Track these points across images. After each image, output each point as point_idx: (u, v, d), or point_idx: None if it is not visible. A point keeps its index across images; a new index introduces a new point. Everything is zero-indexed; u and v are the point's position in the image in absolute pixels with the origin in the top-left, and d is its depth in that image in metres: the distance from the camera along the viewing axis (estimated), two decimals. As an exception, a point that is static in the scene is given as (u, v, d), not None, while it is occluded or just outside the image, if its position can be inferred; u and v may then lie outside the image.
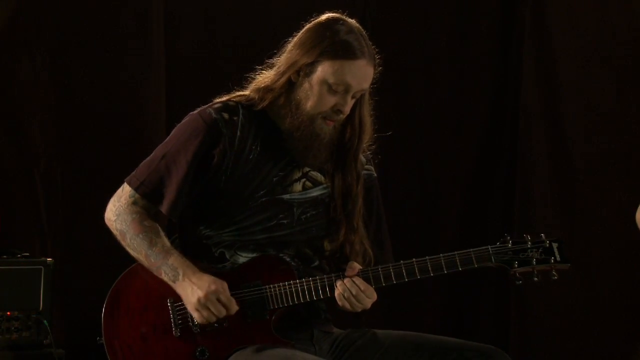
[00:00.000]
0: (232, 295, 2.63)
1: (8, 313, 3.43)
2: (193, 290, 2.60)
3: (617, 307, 4.47)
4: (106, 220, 2.75)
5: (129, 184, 2.72)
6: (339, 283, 2.65)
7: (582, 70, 4.56)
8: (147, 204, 2.70)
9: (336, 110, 2.66)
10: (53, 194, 4.03)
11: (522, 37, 4.59)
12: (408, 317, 4.49)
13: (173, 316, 2.65)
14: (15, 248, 3.71)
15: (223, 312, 2.61)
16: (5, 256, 3.55)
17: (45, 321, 3.45)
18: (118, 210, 2.71)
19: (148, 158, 2.75)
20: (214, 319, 2.61)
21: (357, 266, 2.68)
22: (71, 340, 3.85)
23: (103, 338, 2.66)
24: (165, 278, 2.64)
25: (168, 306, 2.66)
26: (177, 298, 2.65)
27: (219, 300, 2.60)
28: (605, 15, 4.54)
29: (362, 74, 2.65)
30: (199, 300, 2.59)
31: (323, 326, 2.78)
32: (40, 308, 3.46)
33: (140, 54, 4.15)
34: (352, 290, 2.63)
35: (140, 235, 2.67)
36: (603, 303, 4.49)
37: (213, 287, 2.60)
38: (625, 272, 4.48)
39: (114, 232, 2.72)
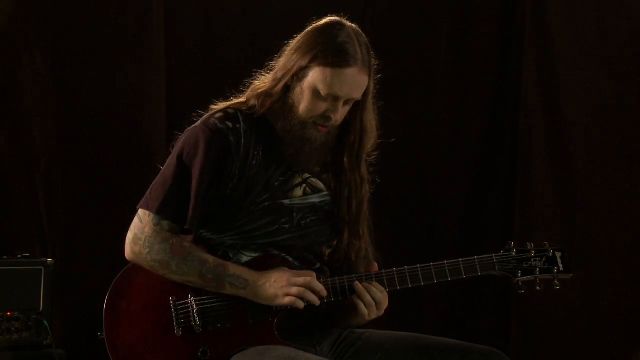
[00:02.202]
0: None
1: (8, 313, 3.42)
2: (270, 283, 2.60)
3: (618, 309, 4.47)
4: (132, 256, 2.67)
5: (148, 209, 2.66)
6: (358, 289, 2.64)
7: (582, 70, 4.55)
8: (172, 225, 2.66)
9: (326, 116, 2.64)
10: (53, 194, 4.03)
11: (522, 37, 4.59)
12: (409, 319, 4.47)
13: (175, 315, 2.64)
14: (15, 248, 3.71)
15: (308, 280, 2.60)
16: (5, 256, 3.55)
17: (45, 321, 3.45)
18: (148, 241, 2.64)
19: (159, 179, 2.69)
20: (309, 295, 2.59)
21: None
22: (71, 341, 3.84)
23: (104, 334, 2.64)
24: (230, 289, 2.62)
25: (170, 304, 2.65)
26: (179, 296, 2.65)
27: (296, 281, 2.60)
28: (605, 16, 4.53)
29: (352, 82, 2.61)
30: (283, 285, 2.59)
31: (323, 327, 2.77)
32: (40, 308, 3.46)
33: (140, 54, 4.15)
34: (375, 295, 2.64)
35: (189, 258, 2.63)
36: (603, 304, 4.48)
37: (287, 271, 2.61)
38: (625, 273, 4.48)
39: (149, 264, 2.65)
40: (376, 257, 2.79)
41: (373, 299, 2.64)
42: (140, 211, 2.69)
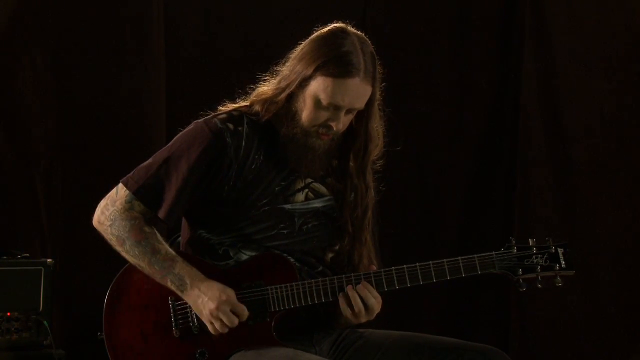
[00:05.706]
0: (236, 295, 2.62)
1: (8, 313, 3.42)
2: (203, 301, 2.59)
3: (618, 308, 4.47)
4: (97, 224, 2.70)
5: (126, 186, 2.67)
6: (351, 295, 2.63)
7: (582, 70, 4.56)
8: (144, 209, 2.67)
9: (328, 125, 2.63)
10: (53, 194, 4.03)
11: (522, 37, 4.59)
12: (408, 318, 4.48)
13: (174, 315, 2.64)
14: (15, 248, 3.71)
15: (235, 322, 2.59)
16: (5, 257, 3.55)
17: (45, 322, 3.45)
18: (113, 215, 2.67)
19: (147, 162, 2.71)
20: (226, 329, 2.59)
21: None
22: (71, 341, 3.85)
23: (104, 333, 2.65)
24: (172, 287, 2.62)
25: (169, 305, 2.65)
26: (178, 297, 2.64)
27: (231, 310, 2.58)
28: (605, 15, 4.54)
29: (354, 92, 2.59)
30: (211, 312, 2.58)
31: (323, 327, 2.77)
32: (40, 308, 3.46)
33: (140, 54, 4.15)
34: (368, 301, 2.63)
35: (142, 243, 2.64)
36: (603, 303, 4.49)
37: (224, 297, 2.58)
38: (625, 272, 4.48)
39: (108, 236, 2.68)
40: (380, 264, 2.78)
41: (364, 304, 2.63)
42: (120, 185, 2.70)
